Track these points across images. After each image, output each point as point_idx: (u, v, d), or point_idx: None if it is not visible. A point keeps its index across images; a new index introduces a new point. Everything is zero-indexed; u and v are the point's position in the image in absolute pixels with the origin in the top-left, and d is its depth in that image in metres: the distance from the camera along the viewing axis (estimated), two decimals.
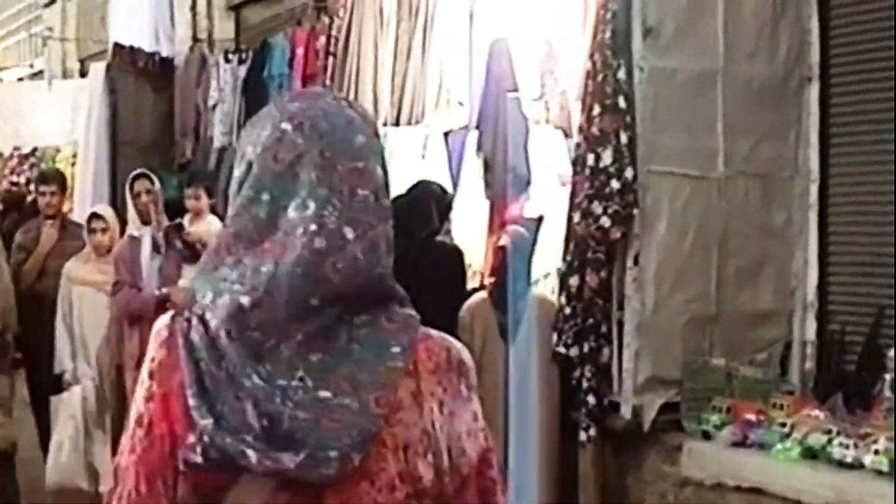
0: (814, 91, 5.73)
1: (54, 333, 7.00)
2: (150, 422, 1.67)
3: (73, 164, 12.72)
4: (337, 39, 7.32)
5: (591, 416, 5.39)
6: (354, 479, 1.60)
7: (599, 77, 5.31)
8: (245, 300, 1.62)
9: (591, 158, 5.29)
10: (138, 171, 7.11)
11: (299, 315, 1.63)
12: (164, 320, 1.73)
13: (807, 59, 5.72)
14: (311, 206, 1.65)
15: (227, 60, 10.16)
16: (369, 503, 1.62)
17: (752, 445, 5.05)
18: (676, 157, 5.44)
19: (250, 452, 1.56)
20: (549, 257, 6.06)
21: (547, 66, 6.87)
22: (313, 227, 1.64)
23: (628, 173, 5.23)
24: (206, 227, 6.77)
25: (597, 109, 5.30)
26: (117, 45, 11.13)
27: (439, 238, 5.91)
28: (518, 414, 5.43)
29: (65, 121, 12.72)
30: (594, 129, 5.30)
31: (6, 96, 13.67)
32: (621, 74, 5.28)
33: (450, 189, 6.52)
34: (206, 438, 1.57)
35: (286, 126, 1.68)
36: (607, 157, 5.24)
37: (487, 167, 6.70)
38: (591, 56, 5.39)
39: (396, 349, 1.66)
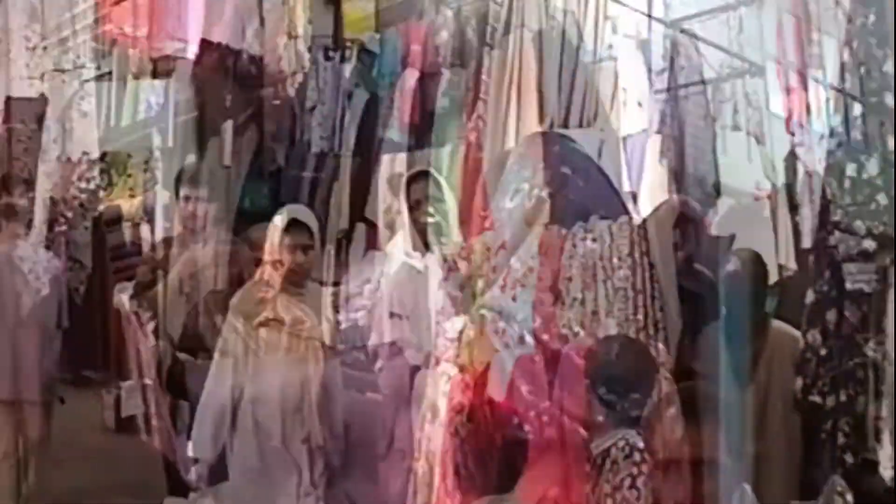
0: None
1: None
2: None
3: (145, 171, 12.12)
4: (494, 29, 6.46)
5: (849, 479, 4.48)
6: None
7: (861, 70, 4.42)
8: None
9: (850, 168, 4.40)
10: (417, 168, 5.08)
11: None
12: None
13: None
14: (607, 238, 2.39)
15: (328, 58, 9.36)
16: None
17: None
18: None
19: None
20: None
21: (736, 62, 6.10)
22: None
23: None
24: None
25: (857, 109, 4.42)
26: (204, 43, 10.38)
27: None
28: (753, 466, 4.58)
29: None
30: (856, 133, 4.42)
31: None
32: (888, 67, 4.39)
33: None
34: None
35: (566, 171, 2.55)
36: (872, 167, 4.36)
37: (673, 177, 5.88)
38: (849, 44, 4.51)
39: None
